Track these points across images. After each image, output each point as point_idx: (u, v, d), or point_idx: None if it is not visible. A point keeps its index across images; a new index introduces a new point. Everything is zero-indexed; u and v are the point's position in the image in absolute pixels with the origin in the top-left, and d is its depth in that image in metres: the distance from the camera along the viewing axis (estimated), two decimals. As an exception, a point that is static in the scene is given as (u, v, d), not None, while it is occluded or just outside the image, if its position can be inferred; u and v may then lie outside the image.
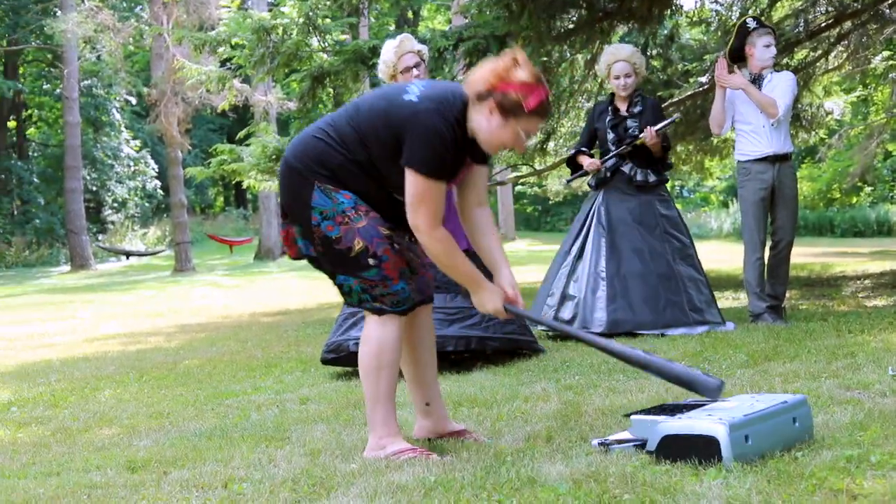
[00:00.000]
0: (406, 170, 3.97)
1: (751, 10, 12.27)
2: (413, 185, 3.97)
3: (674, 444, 3.60)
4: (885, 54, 15.35)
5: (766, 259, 8.02)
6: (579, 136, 8.26)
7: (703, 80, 12.34)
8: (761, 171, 7.86)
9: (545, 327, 5.54)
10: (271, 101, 25.24)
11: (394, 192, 4.14)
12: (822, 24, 11.96)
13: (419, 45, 6.97)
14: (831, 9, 11.80)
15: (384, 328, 4.15)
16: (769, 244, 8.04)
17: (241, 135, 14.72)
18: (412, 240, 4.24)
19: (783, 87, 7.85)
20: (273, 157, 11.87)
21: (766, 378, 5.38)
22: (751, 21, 8.08)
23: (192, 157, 39.21)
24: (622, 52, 8.01)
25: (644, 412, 3.93)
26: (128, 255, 35.66)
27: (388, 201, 4.18)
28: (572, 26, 10.67)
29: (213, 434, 4.79)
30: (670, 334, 7.51)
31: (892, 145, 28.99)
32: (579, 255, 7.99)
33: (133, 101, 41.74)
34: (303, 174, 4.11)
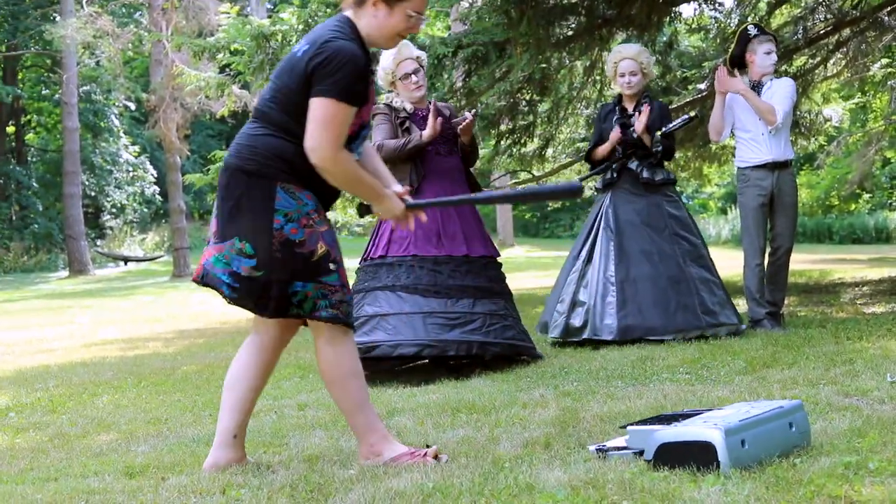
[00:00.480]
0: (313, 100, 3.89)
1: (750, 17, 12.30)
2: (321, 109, 3.87)
3: (671, 452, 3.60)
4: (884, 62, 15.38)
5: (765, 266, 8.01)
6: (594, 136, 8.12)
7: (701, 87, 12.37)
8: (760, 178, 7.86)
9: (453, 205, 5.38)
10: (270, 107, 25.18)
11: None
12: (821, 32, 11.99)
13: (418, 52, 6.99)
14: (830, 16, 11.83)
15: (334, 343, 4.08)
16: (768, 251, 8.03)
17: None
18: None
19: (782, 93, 7.85)
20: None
21: (765, 385, 5.38)
22: (752, 28, 8.09)
23: (191, 163, 39.18)
24: (629, 50, 7.97)
25: (640, 423, 3.93)
26: (126, 260, 35.62)
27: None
28: (571, 33, 10.68)
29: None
30: (685, 338, 7.42)
31: (890, 152, 29.00)
32: (588, 260, 7.86)
33: (132, 106, 41.70)
34: (261, 175, 3.95)
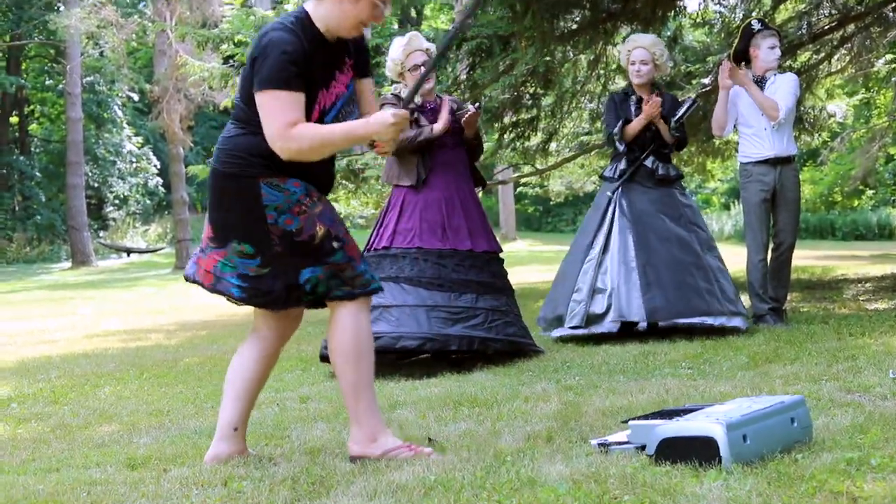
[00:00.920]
0: (255, 94, 3.87)
1: (754, 12, 12.27)
2: (260, 101, 3.86)
3: (673, 447, 3.60)
4: (888, 57, 15.36)
5: (768, 261, 8.00)
6: (610, 121, 7.82)
7: (706, 81, 12.34)
8: (763, 174, 7.85)
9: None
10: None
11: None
12: (826, 27, 11.97)
13: (427, 44, 6.98)
14: (835, 11, 11.81)
15: (358, 315, 4.06)
16: (771, 246, 8.02)
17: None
18: None
19: (785, 88, 7.84)
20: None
21: (767, 380, 5.38)
22: (755, 23, 8.08)
23: (194, 155, 39.19)
24: (643, 40, 7.90)
25: (642, 417, 3.93)
26: (129, 251, 35.67)
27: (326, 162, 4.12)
28: (576, 27, 10.67)
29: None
30: (710, 323, 7.40)
31: (894, 149, 28.96)
32: (604, 249, 7.72)
33: (135, 97, 41.73)
34: (242, 176, 3.95)
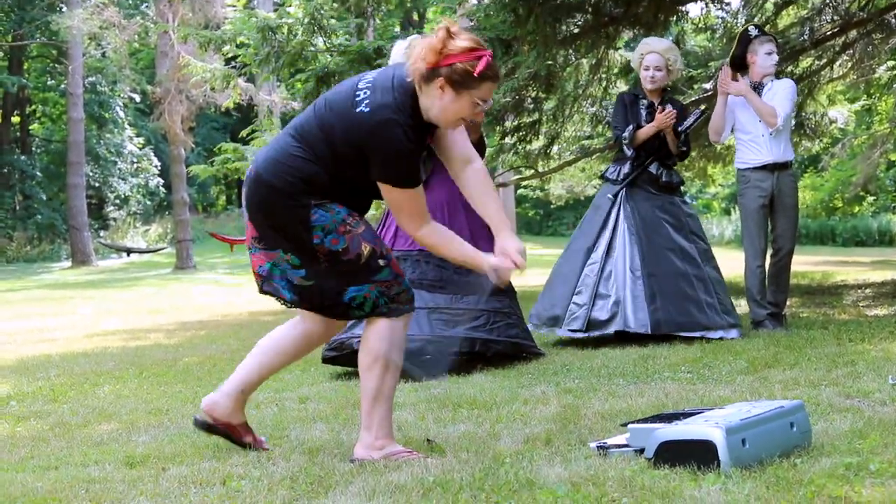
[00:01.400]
0: (391, 191, 3.97)
1: (756, 17, 12.28)
2: (389, 195, 3.98)
3: (671, 451, 3.59)
4: (890, 64, 15.35)
5: (767, 267, 8.01)
6: (619, 122, 7.81)
7: (707, 86, 12.35)
8: (760, 180, 7.86)
9: None
10: (275, 100, 25.21)
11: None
12: (828, 33, 11.97)
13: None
14: (837, 17, 11.81)
15: (397, 327, 4.10)
16: (769, 252, 8.03)
17: (244, 133, 14.69)
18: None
19: (783, 95, 7.85)
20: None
21: (766, 385, 5.38)
22: (752, 29, 8.08)
23: (196, 156, 39.20)
24: (658, 44, 7.86)
25: (641, 421, 3.93)
26: (129, 251, 35.66)
27: (366, 203, 4.23)
28: (578, 31, 10.68)
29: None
30: (709, 337, 7.37)
31: (895, 155, 28.97)
32: (608, 253, 7.69)
33: (137, 98, 41.74)
34: (295, 197, 3.97)
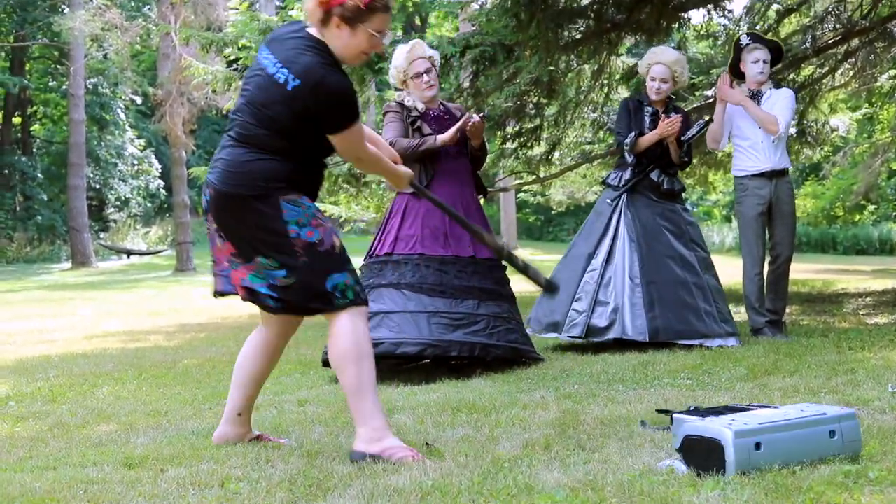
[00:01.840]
0: (340, 135, 4.18)
1: (758, 25, 12.27)
2: (347, 139, 4.21)
3: (692, 446, 3.62)
4: (892, 73, 15.34)
5: (766, 274, 8.01)
6: (622, 128, 7.80)
7: (709, 93, 12.35)
8: (758, 187, 7.86)
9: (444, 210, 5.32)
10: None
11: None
12: (830, 41, 11.96)
13: (430, 51, 6.97)
14: (839, 26, 11.80)
15: (357, 320, 4.22)
16: (768, 259, 8.03)
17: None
18: None
19: (783, 104, 7.86)
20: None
21: (766, 392, 5.38)
22: (744, 37, 8.10)
23: (196, 158, 39.13)
24: (666, 56, 7.82)
25: (684, 412, 3.97)
26: (129, 253, 35.65)
27: (321, 177, 4.44)
28: (580, 36, 10.67)
29: (211, 433, 4.78)
30: (707, 346, 7.35)
31: (896, 164, 28.98)
32: (607, 260, 7.68)
33: (138, 100, 41.73)
34: (262, 196, 4.12)
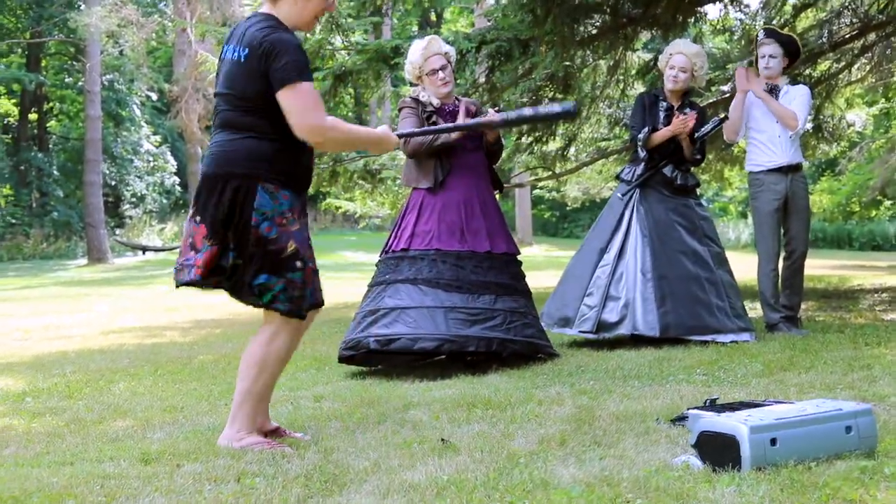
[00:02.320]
0: (285, 91, 4.22)
1: (775, 20, 12.24)
2: (293, 96, 4.22)
3: (708, 441, 3.63)
4: (909, 67, 15.29)
5: (781, 270, 7.98)
6: (637, 123, 7.78)
7: (724, 88, 12.32)
8: (774, 182, 7.84)
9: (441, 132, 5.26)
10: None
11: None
12: (846, 36, 11.93)
13: (447, 47, 6.96)
14: (856, 20, 11.77)
15: (282, 333, 4.41)
16: (782, 255, 8.01)
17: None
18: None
19: (800, 100, 7.86)
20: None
21: (782, 388, 5.37)
22: (760, 32, 8.10)
23: (212, 154, 39.24)
24: (688, 48, 7.79)
25: (699, 407, 3.97)
26: (144, 249, 35.71)
27: (308, 162, 4.49)
28: (596, 32, 10.66)
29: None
30: (720, 341, 7.33)
31: (913, 159, 28.85)
32: (619, 255, 7.66)
33: (154, 96, 41.83)
34: (244, 177, 4.29)
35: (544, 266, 23.51)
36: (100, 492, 3.67)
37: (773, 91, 7.88)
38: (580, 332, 7.59)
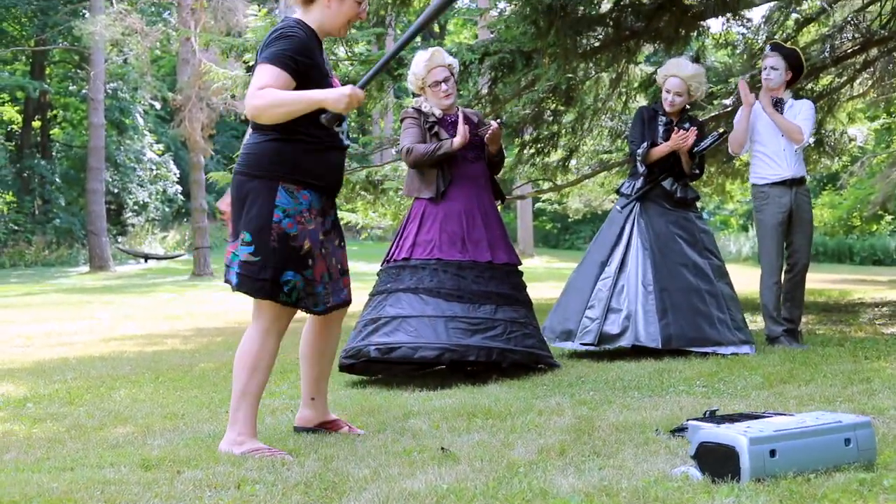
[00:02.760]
0: (258, 67, 4.39)
1: (777, 34, 12.26)
2: (255, 77, 4.37)
3: (708, 453, 3.63)
4: (911, 83, 15.31)
5: (783, 282, 8.00)
6: (636, 137, 7.84)
7: (727, 102, 12.34)
8: (780, 196, 7.87)
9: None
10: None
11: (332, 126, 4.52)
12: (848, 51, 11.95)
13: (450, 59, 6.98)
14: (858, 35, 11.79)
15: (270, 336, 4.56)
16: (784, 267, 8.02)
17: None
18: (340, 244, 4.73)
19: (805, 114, 7.90)
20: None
21: (782, 400, 5.38)
22: (768, 46, 8.14)
23: (215, 163, 39.24)
24: (684, 70, 7.80)
25: (698, 418, 3.98)
26: (146, 257, 35.71)
27: (335, 161, 4.65)
28: (598, 44, 10.68)
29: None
30: (720, 353, 7.34)
31: (914, 174, 28.85)
32: (621, 268, 7.68)
33: (157, 105, 41.85)
34: (266, 177, 4.46)
35: (545, 277, 23.54)
36: (100, 497, 3.68)
37: (778, 105, 7.91)
38: (582, 344, 7.60)
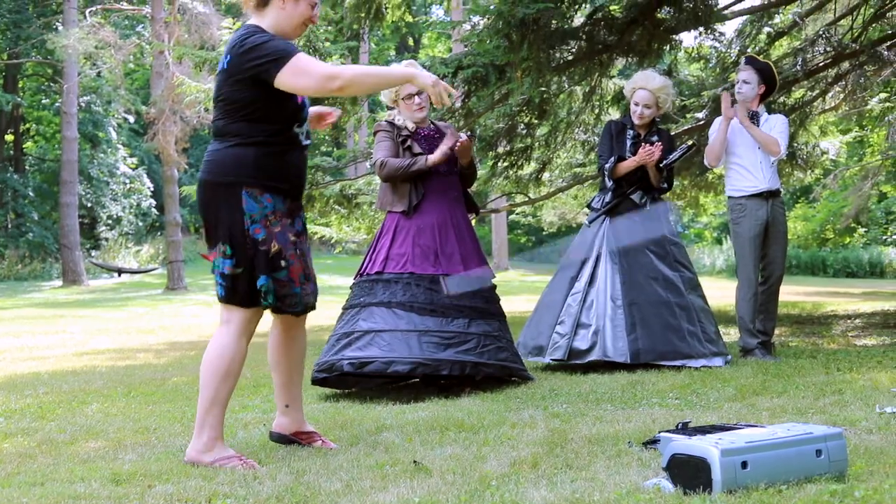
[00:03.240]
0: (281, 73, 4.35)
1: (750, 48, 12.34)
2: (292, 72, 4.35)
3: (680, 464, 3.65)
4: (882, 96, 15.44)
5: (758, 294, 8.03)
6: (604, 151, 7.88)
7: (700, 115, 12.39)
8: (756, 208, 7.91)
9: None
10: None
11: (294, 127, 4.57)
12: (820, 64, 12.03)
13: (423, 72, 6.97)
14: (829, 49, 11.86)
15: (239, 341, 4.56)
16: (759, 279, 8.06)
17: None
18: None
19: (780, 128, 7.97)
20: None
21: (754, 412, 5.39)
22: (742, 59, 8.21)
23: (189, 177, 39.16)
24: (652, 82, 7.83)
25: (671, 430, 3.99)
26: (120, 271, 35.58)
27: (296, 162, 4.63)
28: (571, 58, 10.71)
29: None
30: (691, 366, 7.35)
31: (886, 187, 29.09)
32: (590, 282, 7.69)
33: (131, 119, 41.74)
34: (229, 184, 4.48)
35: (519, 291, 23.56)
36: (70, 512, 3.66)
37: (755, 118, 7.96)
38: (552, 359, 7.61)
